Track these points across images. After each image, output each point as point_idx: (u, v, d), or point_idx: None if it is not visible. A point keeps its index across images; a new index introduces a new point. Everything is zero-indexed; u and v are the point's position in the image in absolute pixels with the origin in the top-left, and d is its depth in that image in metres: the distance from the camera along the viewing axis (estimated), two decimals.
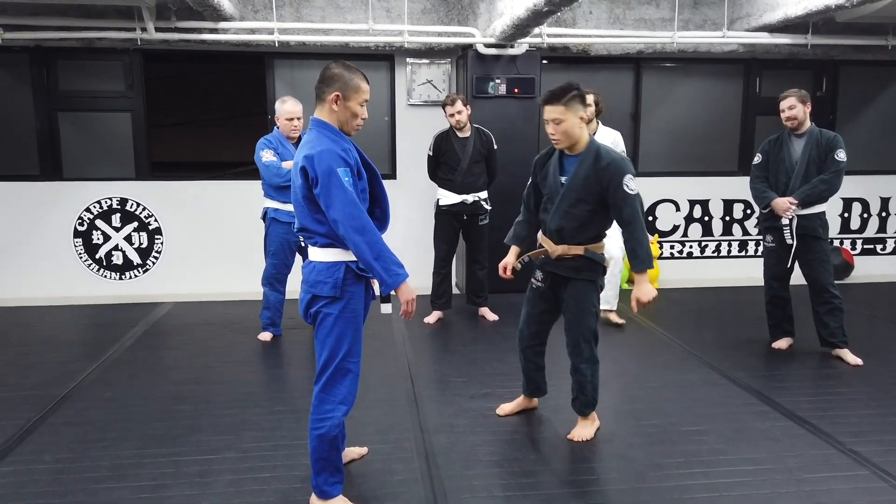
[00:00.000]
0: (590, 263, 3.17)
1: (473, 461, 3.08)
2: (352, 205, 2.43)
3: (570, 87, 3.04)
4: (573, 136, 3.08)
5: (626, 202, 3.03)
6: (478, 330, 5.15)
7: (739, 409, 3.64)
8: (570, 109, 3.03)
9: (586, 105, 3.11)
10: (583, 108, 3.07)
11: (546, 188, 3.26)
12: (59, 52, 5.89)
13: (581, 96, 3.07)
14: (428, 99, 6.29)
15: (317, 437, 2.62)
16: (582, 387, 3.29)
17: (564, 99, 3.02)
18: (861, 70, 6.81)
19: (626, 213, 3.04)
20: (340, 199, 2.42)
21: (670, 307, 5.88)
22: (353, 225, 2.43)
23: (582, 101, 3.07)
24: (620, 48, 6.25)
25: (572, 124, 3.05)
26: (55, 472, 2.98)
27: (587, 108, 3.12)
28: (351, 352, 2.62)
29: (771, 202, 4.36)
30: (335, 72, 2.56)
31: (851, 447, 3.19)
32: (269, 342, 4.83)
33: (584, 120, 3.08)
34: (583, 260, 3.16)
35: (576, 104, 3.04)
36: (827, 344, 4.44)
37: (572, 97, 3.03)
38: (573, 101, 3.03)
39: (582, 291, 3.20)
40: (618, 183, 3.01)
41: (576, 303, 3.21)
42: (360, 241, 2.44)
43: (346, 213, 2.42)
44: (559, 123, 3.05)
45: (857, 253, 7.04)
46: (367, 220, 2.46)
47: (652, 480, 2.91)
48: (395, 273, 2.50)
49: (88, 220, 6.12)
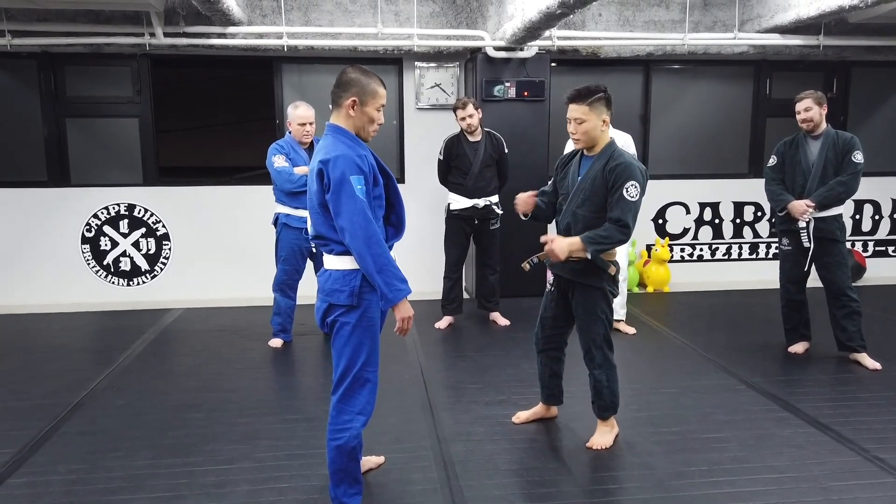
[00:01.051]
0: (593, 268, 3.10)
1: (492, 470, 3.04)
2: (360, 214, 2.39)
3: (598, 89, 3.03)
4: (593, 137, 3.06)
5: (620, 205, 2.96)
6: (489, 335, 5.10)
7: (760, 416, 3.59)
8: (593, 111, 3.02)
9: (610, 108, 3.08)
10: (607, 111, 3.06)
11: (563, 188, 3.25)
12: (67, 58, 5.87)
13: (607, 99, 3.06)
14: (437, 103, 6.26)
15: (335, 448, 2.58)
16: (598, 392, 3.26)
17: (590, 100, 3.01)
18: (873, 71, 6.76)
19: (615, 215, 2.97)
20: (350, 208, 2.39)
21: (682, 311, 5.84)
22: (360, 235, 2.40)
23: (607, 104, 3.06)
24: (630, 50, 6.21)
25: (594, 125, 3.03)
26: (70, 483, 2.95)
27: (610, 113, 3.08)
28: (369, 361, 2.58)
29: (787, 205, 4.31)
30: (352, 76, 2.52)
31: (876, 454, 3.14)
32: (279, 349, 4.79)
33: (606, 123, 3.06)
34: (586, 263, 3.08)
35: (600, 106, 3.03)
36: (845, 348, 4.39)
37: (598, 99, 3.02)
38: (598, 103, 3.02)
39: (589, 297, 3.16)
40: (620, 185, 2.96)
41: (584, 308, 3.19)
42: (364, 252, 2.41)
43: (353, 223, 2.39)
44: (581, 123, 3.03)
45: (868, 255, 6.98)
46: (374, 231, 2.42)
47: (675, 489, 2.87)
48: (397, 289, 2.47)
49: (96, 226, 6.10)
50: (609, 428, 3.32)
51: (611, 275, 3.18)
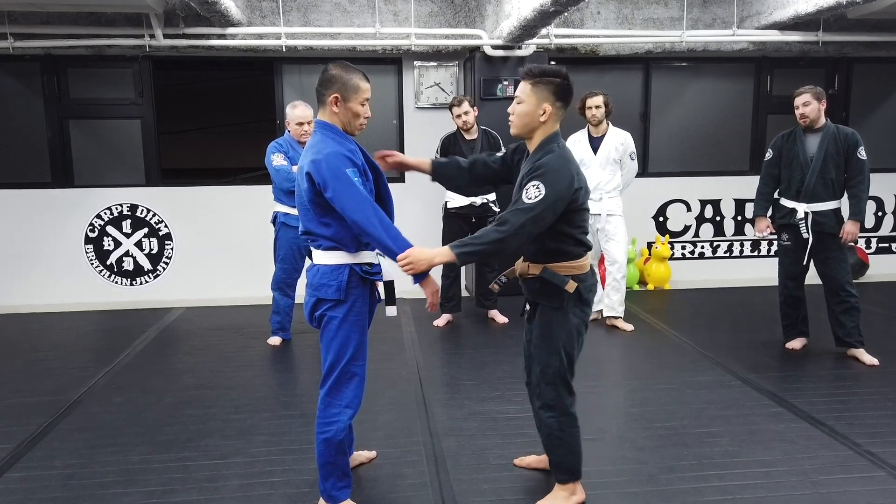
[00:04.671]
0: (549, 287, 2.56)
1: (483, 465, 3.05)
2: (367, 203, 2.42)
3: (553, 73, 2.53)
4: (527, 124, 2.55)
5: (518, 205, 2.43)
6: (487, 333, 5.12)
7: (753, 411, 3.59)
8: (535, 93, 2.52)
9: (561, 101, 2.54)
10: (554, 100, 2.52)
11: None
12: (69, 60, 5.94)
13: (560, 87, 2.52)
14: (436, 102, 6.28)
15: (323, 442, 2.60)
16: (549, 443, 2.67)
17: (536, 79, 2.53)
18: (874, 67, 6.73)
19: (505, 216, 2.44)
20: (354, 201, 2.40)
21: (681, 308, 5.84)
22: (375, 223, 2.41)
23: (558, 94, 2.52)
24: (629, 48, 6.21)
25: (530, 111, 2.52)
26: (65, 478, 2.98)
27: (560, 106, 2.56)
28: (356, 355, 2.60)
29: (756, 217, 4.53)
30: (333, 73, 2.54)
31: (868, 448, 3.13)
32: (278, 347, 4.83)
33: (549, 115, 2.52)
34: (540, 282, 2.57)
35: (545, 91, 2.51)
36: (842, 344, 4.37)
37: (547, 82, 2.51)
38: (544, 87, 2.51)
39: (546, 321, 2.60)
40: (526, 183, 2.45)
41: (538, 333, 2.63)
42: (384, 239, 2.42)
43: (364, 214, 2.41)
44: (518, 103, 2.56)
45: (871, 252, 6.94)
46: (383, 215, 2.45)
47: (664, 483, 2.87)
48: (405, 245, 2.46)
49: (99, 227, 6.16)
50: (567, 494, 2.69)
51: (572, 294, 2.54)
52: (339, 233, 2.52)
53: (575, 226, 2.55)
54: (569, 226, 2.53)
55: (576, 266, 2.57)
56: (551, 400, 2.61)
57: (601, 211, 5.00)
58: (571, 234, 2.55)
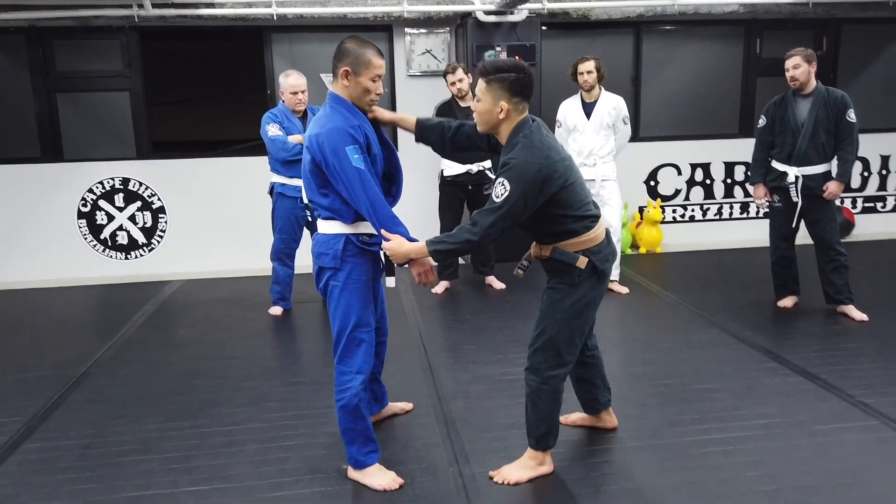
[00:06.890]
0: (559, 265, 2.57)
1: (491, 424, 3.14)
2: (359, 182, 2.48)
3: (508, 68, 2.49)
4: (489, 122, 2.54)
5: (488, 204, 2.45)
6: (485, 299, 5.19)
7: (750, 368, 3.70)
8: (489, 91, 2.49)
9: (519, 96, 2.49)
10: (509, 97, 2.47)
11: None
12: (55, 32, 5.83)
13: (516, 83, 2.47)
14: (427, 69, 6.25)
15: (340, 409, 2.66)
16: (526, 407, 2.68)
17: (490, 76, 2.49)
18: (863, 28, 6.77)
19: (475, 216, 2.47)
20: (348, 179, 2.48)
21: (674, 271, 5.94)
22: (363, 201, 2.50)
23: (513, 90, 2.47)
24: (620, 12, 6.20)
25: (489, 109, 2.50)
26: (82, 448, 3.03)
27: (519, 101, 2.50)
28: (360, 322, 2.65)
29: (755, 184, 4.62)
30: (346, 46, 2.56)
31: (861, 399, 3.26)
32: (279, 316, 4.87)
33: (507, 113, 2.49)
34: (552, 262, 2.59)
35: (499, 89, 2.47)
36: (832, 301, 4.49)
37: (501, 79, 2.47)
38: (497, 84, 2.47)
39: (549, 296, 2.62)
40: (496, 180, 2.46)
41: (546, 298, 2.64)
42: (372, 216, 2.52)
43: (354, 192, 2.49)
44: (478, 101, 2.54)
45: (857, 211, 7.07)
46: (376, 197, 2.51)
47: (669, 436, 2.98)
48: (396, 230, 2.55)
49: (91, 201, 6.11)
50: (533, 463, 2.70)
51: (585, 268, 2.53)
52: (336, 203, 2.58)
53: (568, 205, 2.50)
54: (561, 207, 2.49)
55: (586, 240, 2.54)
56: (536, 363, 2.63)
57: (595, 176, 5.04)
58: (565, 213, 2.51)
